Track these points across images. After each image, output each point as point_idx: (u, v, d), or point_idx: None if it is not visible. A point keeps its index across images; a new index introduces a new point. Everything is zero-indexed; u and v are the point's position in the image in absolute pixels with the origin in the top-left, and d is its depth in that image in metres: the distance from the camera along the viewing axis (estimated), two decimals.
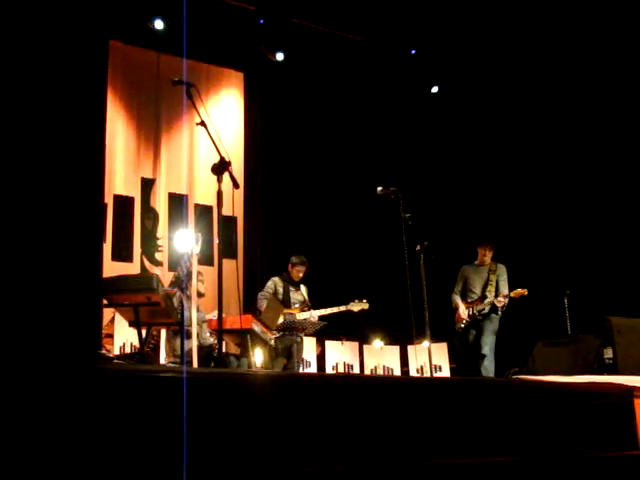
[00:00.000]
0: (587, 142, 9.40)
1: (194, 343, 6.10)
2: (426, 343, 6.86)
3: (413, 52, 10.71)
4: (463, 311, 8.14)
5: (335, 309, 8.06)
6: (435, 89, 11.02)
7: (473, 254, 8.39)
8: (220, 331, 4.87)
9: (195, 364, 5.67)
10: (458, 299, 8.26)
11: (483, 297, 8.11)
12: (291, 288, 8.03)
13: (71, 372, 2.57)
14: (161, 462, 2.72)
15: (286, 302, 7.91)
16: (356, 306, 8.15)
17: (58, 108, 2.72)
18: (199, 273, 6.39)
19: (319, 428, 3.19)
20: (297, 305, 7.98)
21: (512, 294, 7.99)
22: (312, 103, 10.63)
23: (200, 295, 6.61)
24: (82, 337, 2.67)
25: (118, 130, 9.52)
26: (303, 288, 8.15)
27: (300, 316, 7.87)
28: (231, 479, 2.89)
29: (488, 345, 7.95)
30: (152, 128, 9.97)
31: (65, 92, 2.74)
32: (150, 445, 2.72)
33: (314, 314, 7.93)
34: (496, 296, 8.05)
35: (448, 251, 8.77)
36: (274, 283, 8.01)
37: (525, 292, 7.95)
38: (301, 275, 8.05)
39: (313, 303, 8.09)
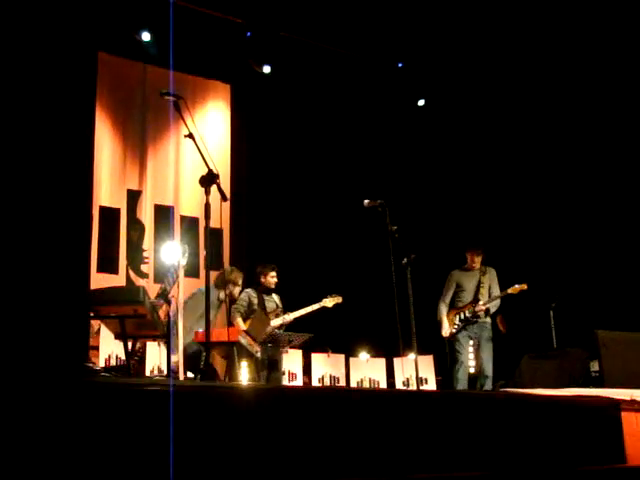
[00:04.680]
0: (574, 153, 9.46)
1: (180, 355, 6.08)
2: (412, 356, 6.85)
3: (400, 65, 10.76)
4: (447, 327, 7.98)
5: (309, 309, 7.93)
6: (422, 102, 11.07)
7: (460, 266, 8.34)
8: (207, 343, 4.86)
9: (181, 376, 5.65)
10: (444, 311, 8.08)
11: (476, 300, 8.00)
12: (266, 297, 7.95)
13: (59, 384, 2.55)
14: (148, 475, 2.70)
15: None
16: (330, 301, 8.01)
17: (49, 117, 2.71)
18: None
19: (305, 441, 3.18)
20: (271, 313, 7.88)
21: (510, 290, 7.89)
22: (299, 116, 10.66)
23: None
24: (70, 349, 2.66)
25: (104, 141, 9.47)
26: (275, 296, 8.05)
27: (274, 322, 7.77)
28: None
29: (490, 362, 7.87)
30: (138, 139, 9.94)
31: (56, 102, 2.73)
32: (137, 458, 2.70)
33: (287, 318, 7.84)
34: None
35: (435, 264, 8.78)
36: (248, 295, 7.91)
37: (525, 286, 7.84)
38: (276, 280, 7.95)
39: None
